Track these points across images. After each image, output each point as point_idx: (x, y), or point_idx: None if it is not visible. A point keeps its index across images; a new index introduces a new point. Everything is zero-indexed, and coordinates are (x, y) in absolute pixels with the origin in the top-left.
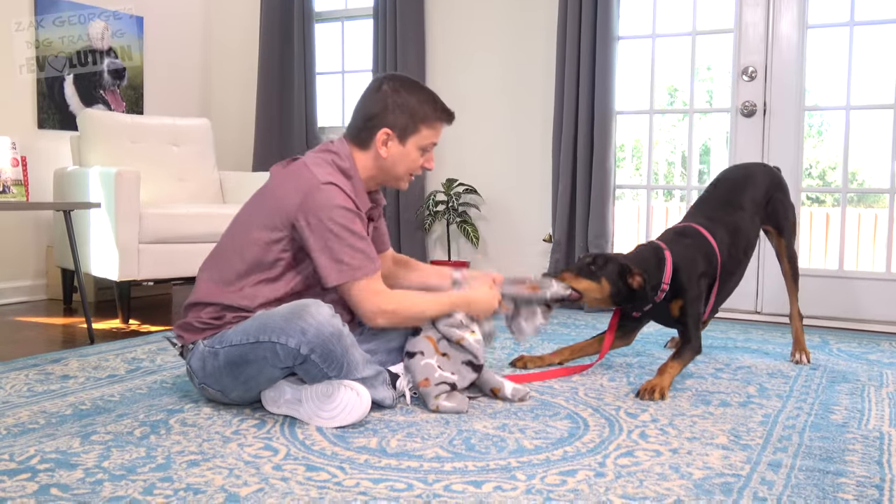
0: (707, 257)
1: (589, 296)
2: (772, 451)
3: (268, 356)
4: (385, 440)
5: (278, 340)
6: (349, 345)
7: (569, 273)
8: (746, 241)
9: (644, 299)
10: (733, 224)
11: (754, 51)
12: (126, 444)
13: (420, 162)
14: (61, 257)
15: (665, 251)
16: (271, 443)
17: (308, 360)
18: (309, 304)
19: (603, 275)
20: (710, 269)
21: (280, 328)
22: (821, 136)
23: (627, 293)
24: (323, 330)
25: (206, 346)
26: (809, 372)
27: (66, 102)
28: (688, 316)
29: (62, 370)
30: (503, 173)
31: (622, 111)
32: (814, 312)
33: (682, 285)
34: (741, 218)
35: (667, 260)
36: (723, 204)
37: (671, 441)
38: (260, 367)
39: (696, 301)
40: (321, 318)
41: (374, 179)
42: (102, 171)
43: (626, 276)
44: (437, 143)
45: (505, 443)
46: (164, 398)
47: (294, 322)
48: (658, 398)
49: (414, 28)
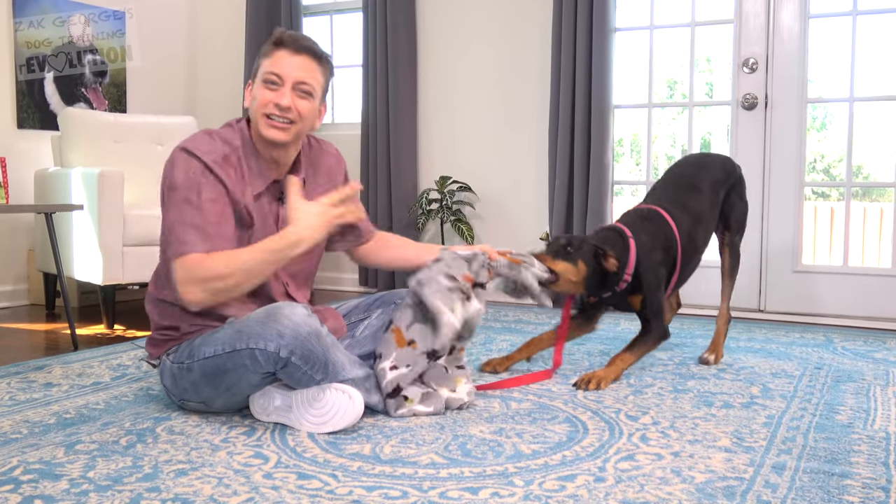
0: (669, 246)
1: (565, 277)
2: (776, 454)
3: (247, 363)
4: (379, 446)
5: (256, 346)
6: (330, 344)
7: (546, 255)
8: (706, 229)
9: (612, 283)
10: (696, 210)
11: (755, 42)
12: (112, 454)
13: (266, 97)
14: (43, 261)
15: (630, 239)
16: (262, 450)
17: (289, 364)
18: (282, 306)
19: (579, 256)
20: (671, 258)
21: (256, 333)
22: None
23: (601, 275)
24: (300, 330)
25: (174, 363)
26: (814, 371)
27: (46, 101)
28: (648, 308)
29: (45, 378)
30: (498, 170)
31: (620, 105)
32: (818, 310)
33: (643, 279)
34: (702, 203)
35: (631, 248)
36: (686, 187)
37: (673, 444)
38: (240, 375)
39: (656, 292)
40: (297, 318)
41: (259, 139)
42: (85, 171)
43: (601, 258)
44: (281, 73)
45: (502, 447)
46: (150, 405)
47: (270, 325)
48: (593, 388)
49: (405, 21)
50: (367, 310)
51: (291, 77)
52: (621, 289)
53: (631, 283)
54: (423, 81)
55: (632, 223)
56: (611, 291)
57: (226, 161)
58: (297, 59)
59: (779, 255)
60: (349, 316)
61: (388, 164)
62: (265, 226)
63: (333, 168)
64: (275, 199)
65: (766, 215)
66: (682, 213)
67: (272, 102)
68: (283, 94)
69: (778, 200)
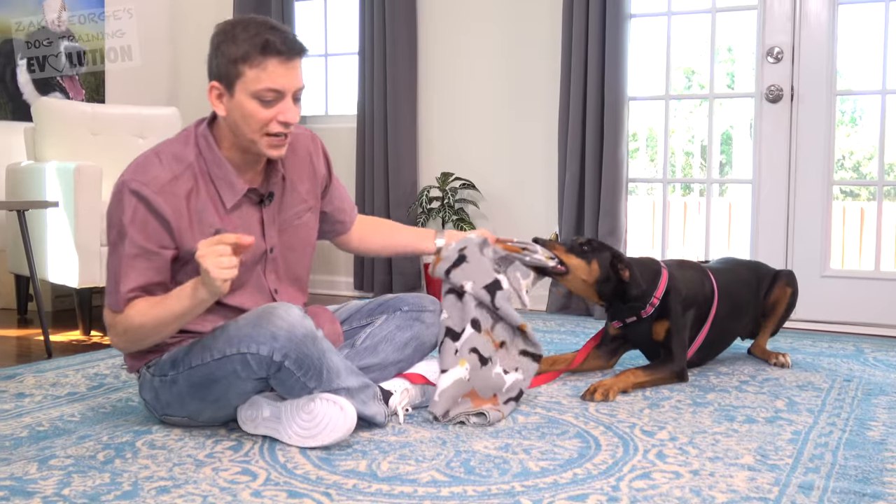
0: (704, 292)
1: (576, 274)
2: (802, 472)
3: (238, 369)
4: (375, 462)
5: (248, 350)
6: (326, 348)
7: (561, 247)
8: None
9: (629, 300)
10: (737, 282)
11: (780, 30)
12: (88, 470)
13: (265, 115)
14: (15, 262)
15: (663, 268)
16: (249, 466)
17: (283, 369)
18: (276, 306)
19: (595, 257)
20: (704, 305)
21: (248, 336)
22: (854, 123)
23: (615, 284)
24: (295, 332)
25: (156, 376)
26: (843, 384)
27: (19, 90)
28: (672, 340)
29: (16, 387)
30: (504, 166)
31: (635, 97)
32: (847, 318)
33: (671, 307)
34: (746, 285)
35: (662, 276)
36: (730, 269)
37: (691, 461)
38: (230, 383)
39: (683, 329)
40: (291, 319)
41: (239, 148)
42: (60, 166)
43: (617, 265)
44: (282, 88)
45: (508, 465)
46: (129, 418)
47: (263, 327)
48: (599, 398)
49: (404, 5)
50: (370, 315)
51: (292, 88)
52: (647, 313)
53: (658, 308)
54: (423, 71)
55: (668, 263)
56: (635, 316)
57: (175, 183)
58: (293, 69)
59: (805, 259)
60: (349, 321)
61: (385, 160)
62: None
63: (311, 150)
64: (254, 205)
65: (791, 216)
66: (725, 276)
67: (275, 120)
68: (288, 108)
69: (804, 200)
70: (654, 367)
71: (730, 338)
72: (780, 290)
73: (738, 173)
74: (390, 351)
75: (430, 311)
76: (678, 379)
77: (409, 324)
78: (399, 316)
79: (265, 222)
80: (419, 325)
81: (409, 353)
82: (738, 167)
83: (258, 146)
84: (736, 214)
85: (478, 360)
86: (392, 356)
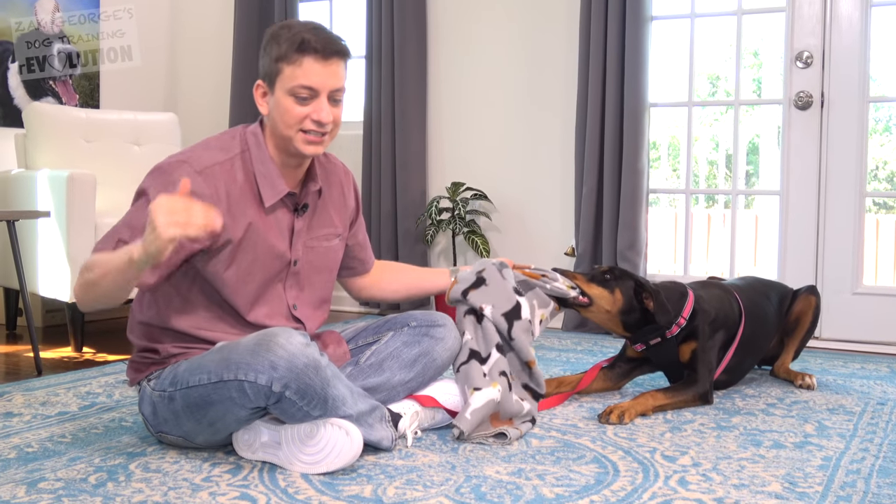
0: (732, 312)
1: (599, 304)
2: (833, 500)
3: (234, 396)
4: (381, 487)
5: (245, 378)
6: (330, 376)
7: (582, 277)
8: (770, 325)
9: (653, 329)
10: (762, 302)
11: (810, 33)
12: (79, 493)
13: (299, 111)
14: (3, 275)
15: (689, 291)
16: (248, 491)
17: (283, 399)
18: (278, 332)
19: (618, 286)
20: (733, 326)
21: (246, 363)
22: (889, 131)
23: (640, 314)
24: (296, 362)
25: (156, 390)
26: (876, 407)
27: (9, 95)
28: (699, 361)
29: (5, 406)
30: (518, 176)
31: (656, 103)
32: (880, 338)
33: (699, 328)
34: (770, 305)
35: (689, 297)
36: (753, 288)
37: (716, 489)
38: (226, 408)
39: (710, 350)
40: (292, 348)
41: (280, 148)
42: (52, 174)
43: (642, 294)
44: (315, 86)
45: (521, 491)
46: (123, 439)
47: (262, 355)
48: (615, 421)
49: (413, 7)
50: (377, 332)
51: (327, 88)
52: (672, 333)
53: (685, 329)
54: (433, 75)
55: (693, 285)
56: (660, 336)
57: (218, 168)
58: (329, 68)
59: (836, 275)
60: (355, 339)
61: (392, 169)
62: (281, 240)
63: (343, 182)
64: (289, 212)
65: (821, 229)
66: (749, 296)
67: (309, 118)
68: (322, 108)
69: (835, 212)
70: (676, 390)
71: (754, 360)
72: (804, 301)
73: (765, 184)
74: (396, 368)
75: (441, 326)
76: (702, 402)
77: (418, 339)
78: (407, 332)
79: (295, 232)
80: (428, 341)
81: (419, 370)
82: (764, 178)
83: (294, 143)
84: (763, 227)
85: (507, 383)
86: (399, 375)
